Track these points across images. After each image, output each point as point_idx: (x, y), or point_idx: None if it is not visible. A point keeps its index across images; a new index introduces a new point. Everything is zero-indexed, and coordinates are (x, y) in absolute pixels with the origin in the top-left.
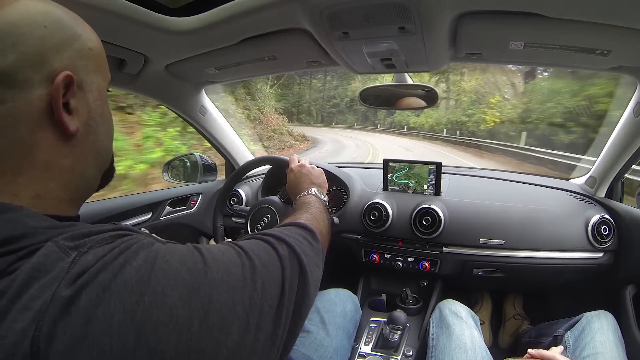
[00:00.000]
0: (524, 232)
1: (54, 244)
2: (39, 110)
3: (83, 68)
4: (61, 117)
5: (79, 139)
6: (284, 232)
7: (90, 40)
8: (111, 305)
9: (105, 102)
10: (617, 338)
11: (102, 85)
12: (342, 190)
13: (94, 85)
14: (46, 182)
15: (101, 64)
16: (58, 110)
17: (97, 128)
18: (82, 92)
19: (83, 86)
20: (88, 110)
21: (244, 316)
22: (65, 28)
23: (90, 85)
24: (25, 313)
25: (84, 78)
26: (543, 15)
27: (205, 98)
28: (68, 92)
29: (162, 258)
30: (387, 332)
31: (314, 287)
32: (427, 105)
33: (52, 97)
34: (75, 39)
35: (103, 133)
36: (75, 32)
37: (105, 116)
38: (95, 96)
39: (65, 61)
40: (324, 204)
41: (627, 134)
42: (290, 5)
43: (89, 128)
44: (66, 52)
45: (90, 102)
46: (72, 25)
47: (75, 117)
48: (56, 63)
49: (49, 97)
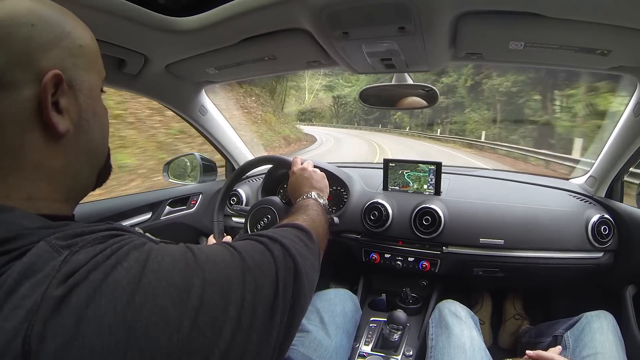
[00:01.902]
0: (524, 232)
1: (46, 243)
2: (28, 110)
3: (73, 66)
4: (50, 117)
5: (71, 138)
6: (279, 232)
7: (80, 37)
8: (102, 305)
9: (97, 100)
10: (617, 338)
11: (95, 83)
12: (342, 190)
13: (86, 84)
14: (38, 183)
15: (93, 62)
16: (47, 110)
17: (89, 127)
18: (73, 90)
19: (73, 85)
20: (79, 110)
21: (237, 317)
22: (53, 26)
23: (82, 84)
24: (16, 312)
25: (75, 76)
26: (543, 15)
27: (205, 98)
28: (57, 91)
29: (153, 259)
30: (387, 332)
31: (310, 288)
32: (428, 105)
33: (40, 97)
34: (64, 37)
35: (96, 132)
36: (63, 30)
37: (98, 115)
38: (86, 94)
39: (54, 60)
40: (323, 207)
41: (627, 133)
42: (290, 6)
43: (80, 127)
44: (54, 50)
45: (82, 101)
46: (60, 23)
47: (65, 117)
48: (44, 62)
49: (38, 97)
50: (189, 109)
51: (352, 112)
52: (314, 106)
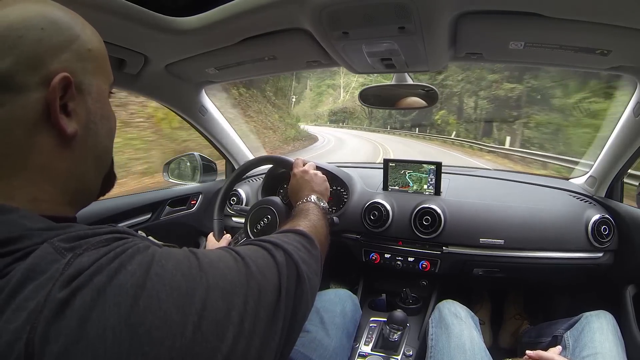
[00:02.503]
0: (524, 232)
1: (49, 245)
2: (37, 113)
3: (82, 70)
4: (58, 119)
5: (78, 141)
6: (281, 238)
7: (89, 41)
8: (106, 308)
9: (105, 104)
10: (617, 338)
11: (103, 86)
12: (342, 190)
13: (94, 87)
14: (43, 185)
15: (102, 65)
16: (55, 113)
17: (97, 130)
18: (81, 94)
19: (82, 88)
20: (87, 113)
21: (239, 322)
22: (63, 30)
23: (90, 87)
24: (19, 314)
25: (83, 80)
26: (543, 15)
27: (205, 98)
28: (66, 95)
29: (157, 262)
30: (387, 332)
31: (312, 294)
32: (427, 105)
33: (48, 100)
34: (74, 41)
35: (103, 135)
36: (73, 34)
37: (106, 118)
38: (95, 98)
39: (63, 63)
40: (323, 211)
41: (627, 133)
42: (290, 6)
43: (88, 130)
44: (64, 54)
45: (90, 104)
46: (70, 27)
47: (73, 120)
48: (53, 65)
49: (47, 100)
50: (189, 109)
51: (386, 112)
52: (346, 105)
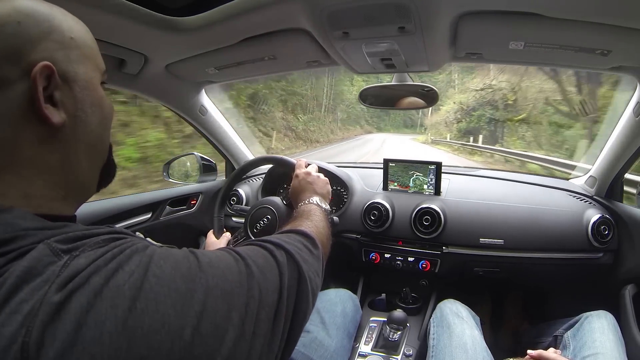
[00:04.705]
0: (524, 232)
1: (46, 246)
2: (22, 106)
3: (65, 58)
4: (42, 109)
5: (67, 131)
6: (283, 239)
7: (70, 30)
8: (102, 311)
9: (95, 92)
10: (617, 338)
11: (91, 74)
12: (342, 190)
13: (80, 75)
14: (33, 179)
15: (88, 53)
16: (39, 102)
17: (86, 119)
18: (67, 82)
19: (67, 77)
20: (75, 102)
21: (240, 323)
22: (40, 21)
23: (76, 76)
24: (14, 317)
25: (68, 68)
26: (543, 15)
27: (205, 98)
28: (50, 84)
29: (156, 263)
30: (387, 332)
31: (313, 295)
32: (427, 105)
33: (32, 90)
34: (53, 30)
35: (95, 123)
36: (52, 24)
37: (97, 106)
38: (82, 86)
39: (43, 52)
40: (325, 212)
41: (627, 134)
42: (290, 5)
43: (77, 119)
44: (43, 43)
45: (77, 93)
46: (47, 18)
47: (61, 109)
48: (33, 56)
49: (30, 91)
50: (189, 109)
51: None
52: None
